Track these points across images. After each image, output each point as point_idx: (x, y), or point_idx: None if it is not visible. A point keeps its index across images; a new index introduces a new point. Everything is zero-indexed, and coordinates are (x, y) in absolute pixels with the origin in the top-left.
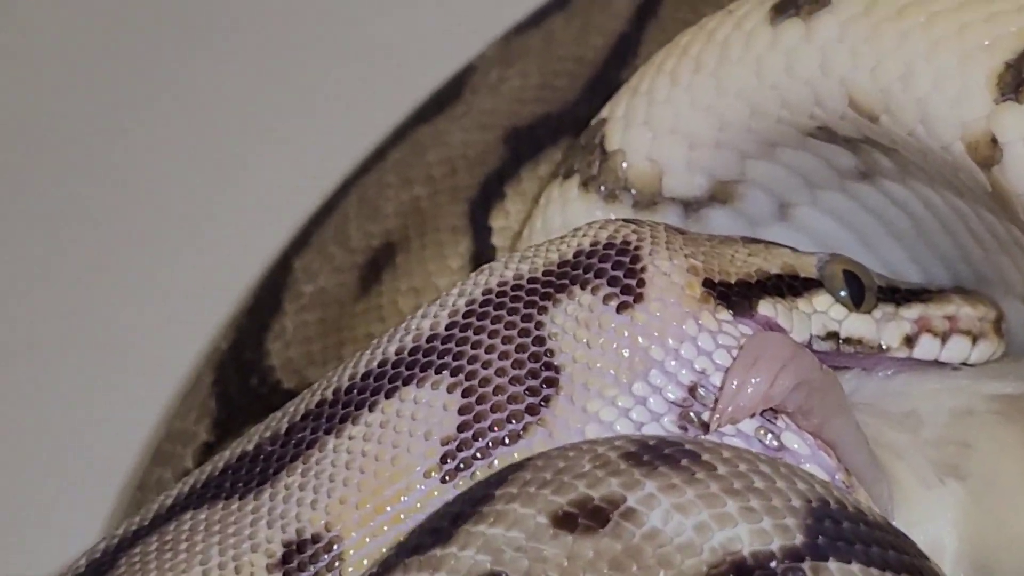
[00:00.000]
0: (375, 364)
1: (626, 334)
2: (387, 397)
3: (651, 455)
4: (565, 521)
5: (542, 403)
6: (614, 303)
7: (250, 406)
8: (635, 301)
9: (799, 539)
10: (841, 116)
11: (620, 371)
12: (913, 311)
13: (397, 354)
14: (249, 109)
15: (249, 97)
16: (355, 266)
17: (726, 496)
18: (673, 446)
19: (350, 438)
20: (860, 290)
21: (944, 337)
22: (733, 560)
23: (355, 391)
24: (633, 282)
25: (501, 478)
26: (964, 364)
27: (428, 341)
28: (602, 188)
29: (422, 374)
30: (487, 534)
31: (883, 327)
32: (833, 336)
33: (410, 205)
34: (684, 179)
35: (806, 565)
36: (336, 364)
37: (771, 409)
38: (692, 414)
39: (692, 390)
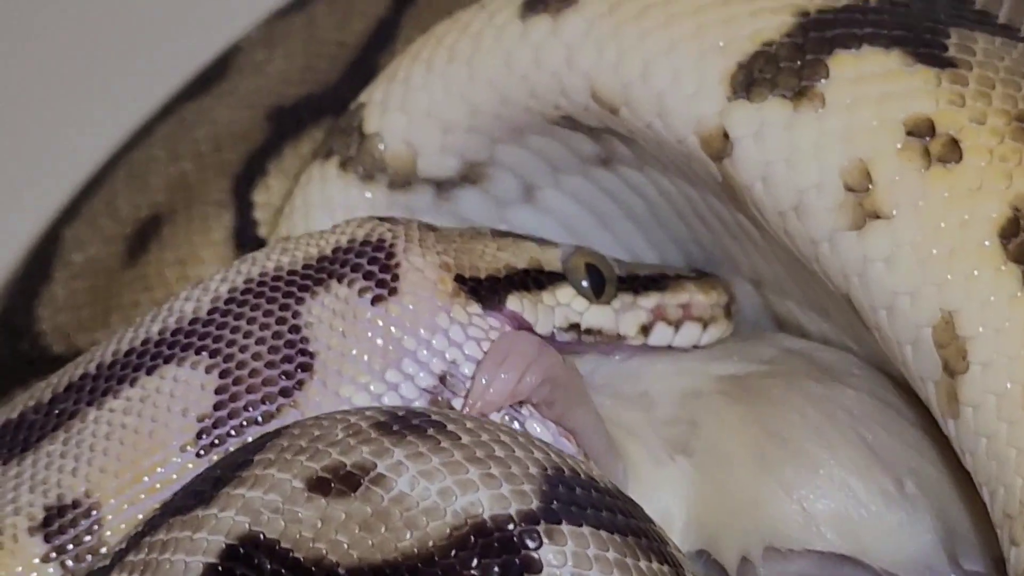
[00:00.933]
0: (138, 342)
1: (380, 324)
2: (148, 374)
3: (400, 425)
4: (319, 485)
5: (296, 386)
6: (369, 296)
7: (20, 369)
8: (389, 294)
9: (535, 504)
10: (584, 107)
11: (373, 359)
12: (651, 300)
13: (160, 334)
14: (20, 82)
15: (20, 69)
16: (123, 236)
17: (468, 464)
18: (421, 416)
19: (111, 410)
20: (600, 282)
21: (677, 325)
22: (474, 523)
23: (117, 366)
24: (388, 276)
25: (259, 445)
26: (694, 347)
27: (190, 324)
28: (360, 169)
29: (182, 354)
30: (246, 497)
31: (621, 317)
32: (575, 327)
33: (177, 179)
34: (437, 161)
35: (541, 528)
36: (104, 331)
37: (519, 403)
38: (442, 400)
39: (443, 378)
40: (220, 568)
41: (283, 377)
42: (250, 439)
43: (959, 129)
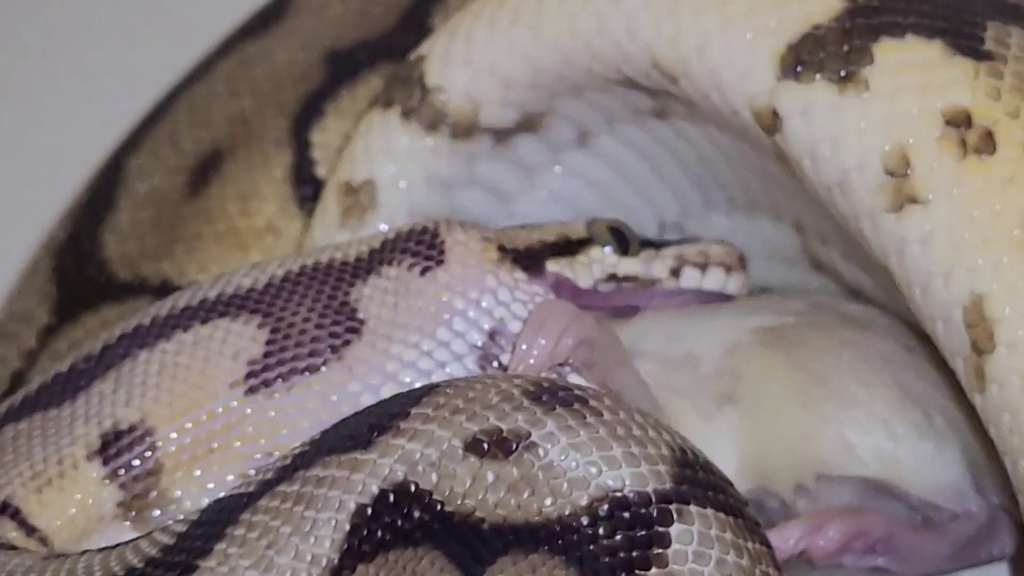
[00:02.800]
0: (195, 301)
1: (430, 291)
2: (202, 324)
3: (548, 396)
4: (475, 446)
5: (343, 345)
6: (417, 269)
7: (88, 294)
8: (437, 265)
9: (669, 484)
10: (646, 74)
11: (424, 321)
12: (671, 250)
13: (216, 297)
14: (83, 10)
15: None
16: (186, 169)
17: (612, 440)
18: (564, 390)
19: (163, 352)
20: (624, 240)
21: (702, 268)
22: (615, 497)
23: (172, 319)
24: (434, 251)
25: (414, 398)
26: (725, 298)
27: (246, 292)
28: (423, 119)
29: (236, 312)
30: (405, 448)
31: (650, 264)
32: (613, 277)
33: (237, 115)
34: (498, 113)
35: (673, 507)
36: (169, 261)
37: (560, 365)
38: (492, 356)
39: (492, 335)
40: (372, 510)
41: (331, 337)
42: (294, 389)
43: (994, 122)
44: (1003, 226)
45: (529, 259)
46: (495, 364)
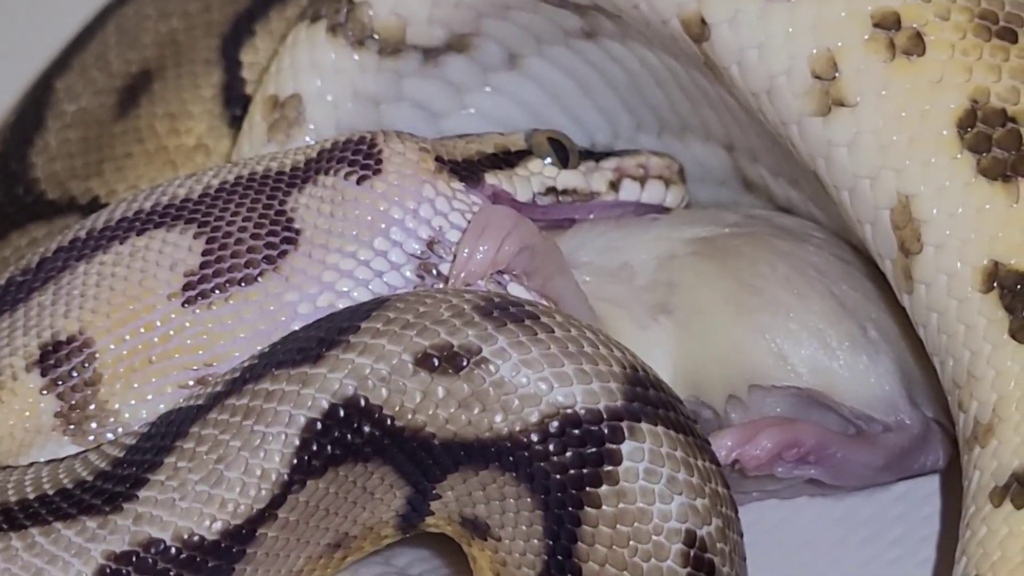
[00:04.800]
0: (130, 212)
1: (367, 201)
2: (137, 235)
3: (499, 311)
4: (426, 361)
5: (279, 255)
6: (354, 178)
7: (17, 213)
8: (374, 174)
9: (620, 402)
10: None
11: (361, 229)
12: (611, 162)
13: (152, 207)
14: None
15: None
16: (115, 90)
17: (564, 357)
18: (515, 305)
19: (101, 263)
20: (564, 152)
21: (642, 181)
22: (566, 414)
23: (108, 231)
24: (371, 161)
25: (364, 312)
26: (663, 211)
27: (181, 202)
28: (349, 34)
29: (172, 223)
30: (355, 362)
31: (590, 177)
32: (552, 191)
33: (167, 36)
34: (425, 31)
35: (624, 424)
36: (98, 179)
37: (501, 272)
38: (430, 266)
39: (430, 244)
40: (322, 425)
41: (267, 247)
42: (231, 299)
43: (924, 23)
44: (931, 127)
45: (467, 170)
46: (434, 273)
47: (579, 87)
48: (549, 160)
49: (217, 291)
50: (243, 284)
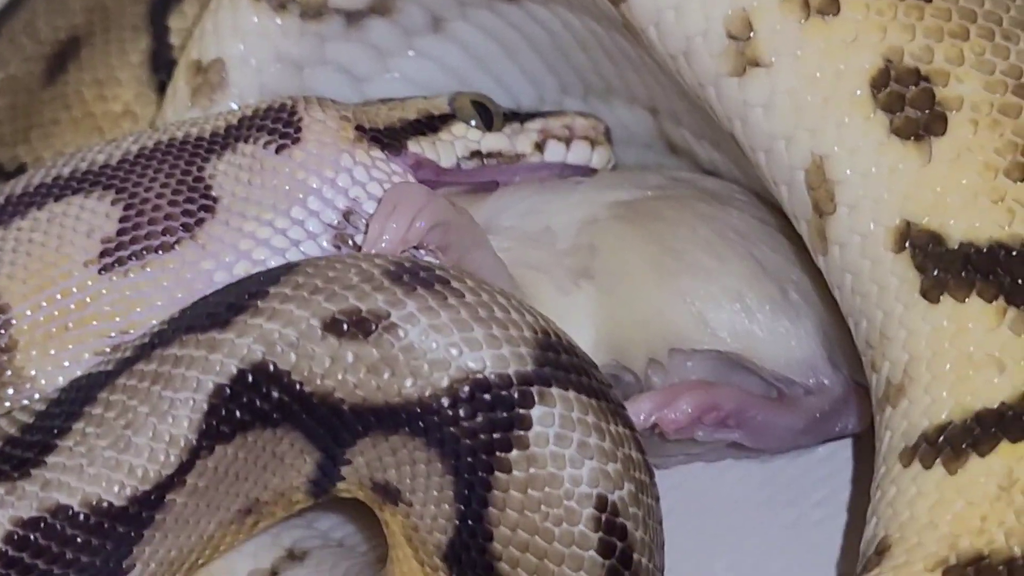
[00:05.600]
0: (49, 179)
1: (285, 169)
2: (55, 201)
3: (409, 276)
4: (334, 326)
5: (196, 223)
6: (273, 146)
7: None
8: (293, 143)
9: (530, 367)
10: None
11: (278, 198)
12: (536, 124)
13: (70, 174)
14: None
15: None
16: (43, 56)
17: (473, 322)
18: (426, 270)
19: (18, 229)
20: (488, 114)
21: (567, 142)
22: (475, 379)
23: (26, 196)
24: (291, 129)
25: (273, 277)
26: (589, 172)
27: (100, 168)
28: None
29: (90, 189)
30: (264, 327)
31: (515, 139)
32: (476, 154)
33: (96, 3)
34: None
35: (534, 389)
36: (24, 146)
37: (415, 248)
38: (346, 236)
39: (347, 215)
40: (230, 390)
41: (184, 215)
42: (149, 267)
43: None
44: (845, 87)
45: (389, 138)
46: (350, 243)
47: (503, 50)
48: (473, 123)
49: (134, 258)
50: (160, 252)
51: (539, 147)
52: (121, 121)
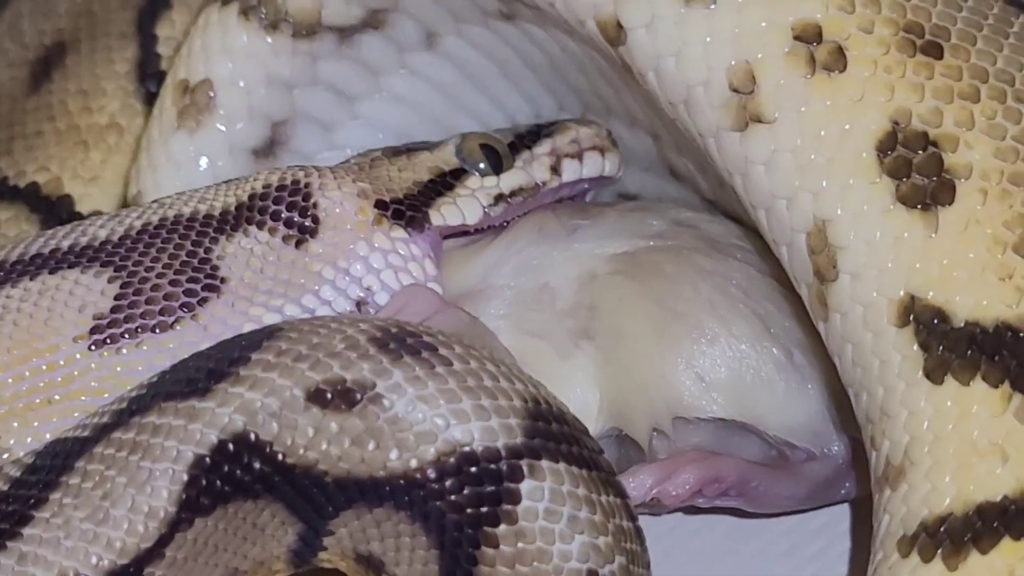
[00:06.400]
0: (46, 250)
1: (302, 263)
2: (50, 273)
3: (396, 343)
4: (317, 396)
5: (199, 303)
6: (292, 242)
7: None
8: (311, 236)
9: (520, 439)
10: None
11: (291, 288)
12: (544, 146)
13: (69, 247)
14: None
15: None
16: (27, 62)
17: (462, 393)
18: (413, 336)
19: (7, 297)
20: (496, 156)
21: (579, 157)
22: (463, 452)
23: (20, 265)
24: (307, 220)
25: (254, 342)
26: (608, 181)
27: (101, 244)
28: (263, 17)
29: (88, 264)
30: (244, 397)
31: (529, 169)
32: (500, 198)
33: (82, 7)
34: (341, 10)
35: (524, 463)
36: (7, 158)
37: None
38: None
39: (359, 305)
40: (210, 461)
41: (186, 295)
42: (145, 346)
43: (846, 37)
44: (851, 147)
45: (410, 210)
46: None
47: (498, 68)
48: (485, 167)
49: (127, 336)
50: (157, 331)
51: (555, 169)
52: (106, 134)
